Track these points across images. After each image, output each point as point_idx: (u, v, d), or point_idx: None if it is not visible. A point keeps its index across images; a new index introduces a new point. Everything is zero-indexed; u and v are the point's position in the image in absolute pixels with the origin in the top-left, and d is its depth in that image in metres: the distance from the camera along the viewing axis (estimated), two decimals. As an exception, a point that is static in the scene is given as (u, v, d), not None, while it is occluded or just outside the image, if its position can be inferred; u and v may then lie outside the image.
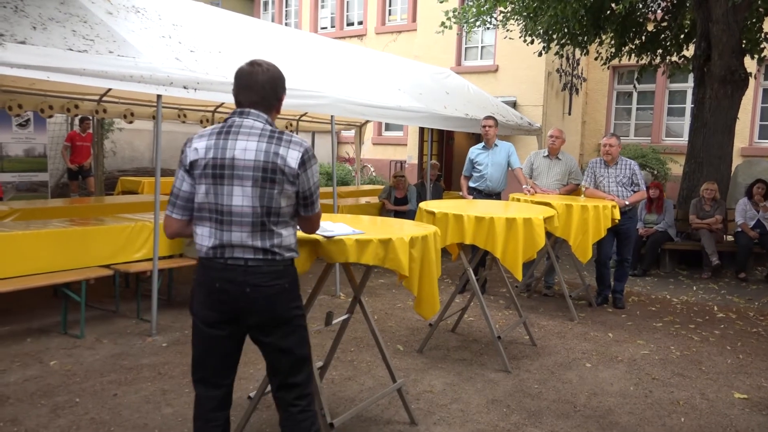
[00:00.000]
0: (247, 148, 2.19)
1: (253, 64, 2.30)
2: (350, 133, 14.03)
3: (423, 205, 4.51)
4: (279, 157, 2.18)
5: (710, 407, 3.80)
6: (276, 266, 2.25)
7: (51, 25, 4.35)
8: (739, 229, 7.77)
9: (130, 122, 8.42)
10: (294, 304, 2.32)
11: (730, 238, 8.18)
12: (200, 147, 2.24)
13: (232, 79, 2.38)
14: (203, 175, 2.22)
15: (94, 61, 4.16)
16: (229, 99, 2.43)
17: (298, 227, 2.41)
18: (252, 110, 2.28)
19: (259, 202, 2.19)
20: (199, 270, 2.30)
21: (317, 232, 2.76)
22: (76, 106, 7.55)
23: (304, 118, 10.20)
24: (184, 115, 8.64)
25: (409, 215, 7.70)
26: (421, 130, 13.42)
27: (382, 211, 8.32)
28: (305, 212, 2.33)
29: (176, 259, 5.62)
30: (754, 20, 8.82)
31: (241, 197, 2.18)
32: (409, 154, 14.46)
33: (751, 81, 8.94)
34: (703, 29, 8.26)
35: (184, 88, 4.64)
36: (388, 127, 16.38)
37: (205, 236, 2.24)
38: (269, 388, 3.29)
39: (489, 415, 3.57)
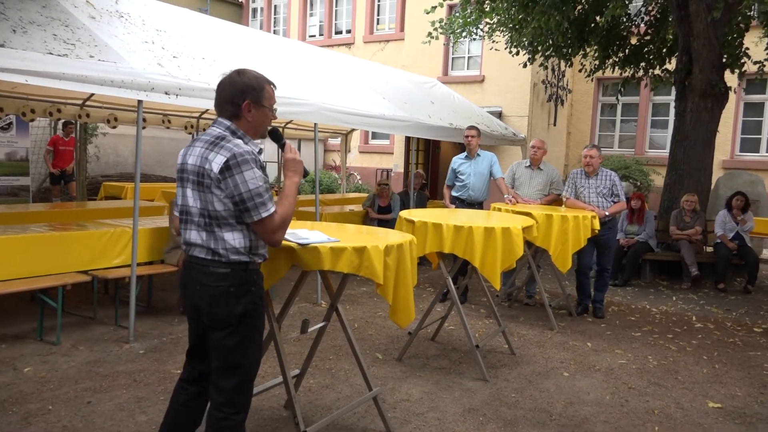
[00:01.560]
0: (193, 153, 2.35)
1: (225, 73, 2.42)
2: (337, 141, 14.06)
3: (404, 213, 4.52)
4: (207, 162, 2.27)
5: (684, 416, 3.84)
6: (222, 268, 2.32)
7: (31, 28, 4.33)
8: (719, 241, 7.87)
9: (114, 127, 8.38)
10: (240, 309, 2.34)
11: (709, 249, 8.28)
12: (180, 154, 2.46)
13: (214, 86, 2.46)
14: (176, 179, 2.46)
15: (74, 66, 4.14)
16: (212, 105, 2.55)
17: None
18: (218, 118, 2.41)
19: (200, 204, 2.33)
20: None
21: (292, 239, 2.77)
22: (59, 110, 7.51)
23: (289, 125, 10.21)
24: (169, 121, 8.62)
25: (392, 224, 7.71)
26: (408, 138, 13.48)
27: (366, 220, 8.33)
28: (246, 218, 2.30)
29: (156, 266, 5.59)
30: (734, 35, 8.99)
31: (192, 198, 2.35)
32: (396, 162, 14.50)
33: (733, 95, 9.09)
34: (685, 44, 8.40)
35: (166, 93, 4.63)
36: (375, 135, 16.42)
37: (183, 233, 2.46)
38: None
39: (465, 424, 3.58)
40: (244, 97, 2.35)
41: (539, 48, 9.55)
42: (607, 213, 5.93)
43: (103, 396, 3.73)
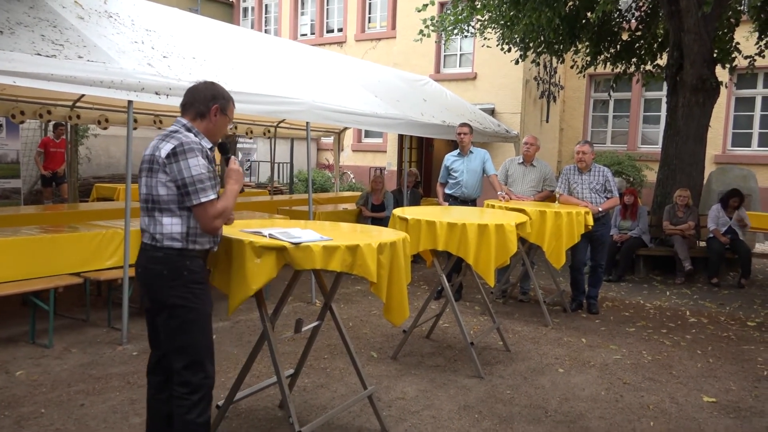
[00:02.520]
0: (150, 146, 2.57)
1: (198, 81, 2.71)
2: (330, 140, 14.03)
3: (397, 211, 4.51)
4: (157, 150, 2.51)
5: (679, 411, 3.84)
6: (157, 252, 2.53)
7: (19, 29, 4.29)
8: (712, 235, 7.90)
9: (105, 128, 8.33)
10: (174, 293, 2.53)
11: (702, 244, 8.31)
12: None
13: None
14: None
15: (63, 66, 4.11)
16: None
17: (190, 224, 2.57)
18: (178, 117, 2.66)
19: (146, 189, 2.54)
20: None
21: (285, 238, 2.75)
22: (49, 112, 7.46)
23: (282, 125, 10.19)
24: (160, 121, 8.56)
25: (386, 222, 7.69)
26: (401, 136, 13.45)
27: (360, 218, 8.31)
28: (187, 201, 2.50)
29: (149, 267, 5.55)
30: (725, 30, 9.02)
31: (143, 185, 2.56)
32: (389, 160, 14.49)
33: (725, 90, 9.12)
34: (676, 39, 8.42)
35: (156, 94, 4.60)
36: (368, 134, 16.41)
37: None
38: (239, 395, 3.27)
39: (460, 422, 3.57)
40: (215, 102, 2.64)
41: (531, 44, 9.56)
42: (600, 209, 5.94)
43: (97, 398, 3.71)
